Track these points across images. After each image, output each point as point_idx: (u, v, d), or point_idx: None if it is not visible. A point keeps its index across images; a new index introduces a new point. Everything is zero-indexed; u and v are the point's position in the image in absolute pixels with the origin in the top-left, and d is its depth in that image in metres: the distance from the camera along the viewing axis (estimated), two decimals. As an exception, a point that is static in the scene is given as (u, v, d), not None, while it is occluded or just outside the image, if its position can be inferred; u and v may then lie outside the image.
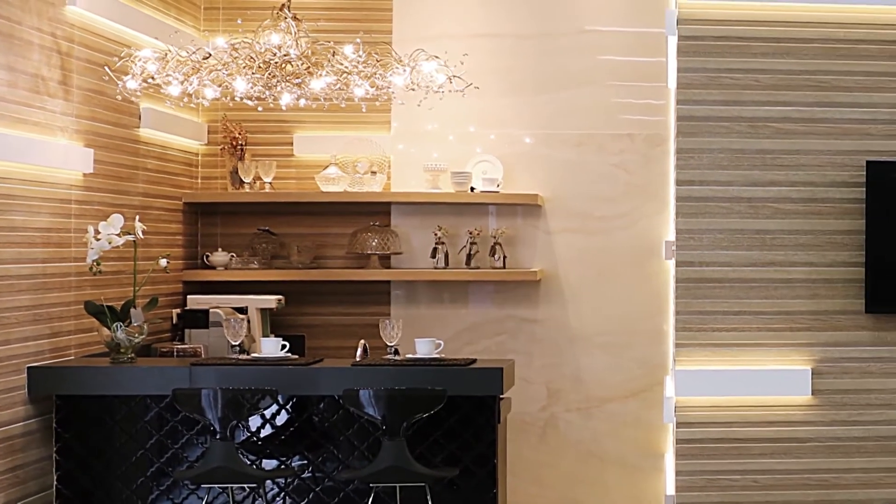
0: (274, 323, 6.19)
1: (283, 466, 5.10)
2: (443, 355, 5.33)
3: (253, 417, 4.99)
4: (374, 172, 6.41)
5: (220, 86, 5.15)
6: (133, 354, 5.07)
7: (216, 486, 4.80)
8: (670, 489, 5.19)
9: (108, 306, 5.01)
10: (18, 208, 4.64)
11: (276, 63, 5.09)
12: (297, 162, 6.53)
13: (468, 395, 5.01)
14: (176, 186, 6.30)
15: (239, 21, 5.74)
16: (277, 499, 5.15)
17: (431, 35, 6.31)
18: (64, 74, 5.03)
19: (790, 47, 4.83)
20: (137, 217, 5.31)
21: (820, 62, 4.85)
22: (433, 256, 6.40)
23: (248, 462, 5.00)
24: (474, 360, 5.37)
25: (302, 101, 5.35)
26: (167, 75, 5.07)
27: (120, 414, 5.04)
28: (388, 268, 6.47)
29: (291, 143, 6.54)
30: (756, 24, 4.84)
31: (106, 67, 5.14)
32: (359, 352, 5.39)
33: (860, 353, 4.87)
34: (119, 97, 5.19)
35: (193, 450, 5.08)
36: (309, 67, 5.14)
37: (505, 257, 6.40)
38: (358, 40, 5.27)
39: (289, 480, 5.08)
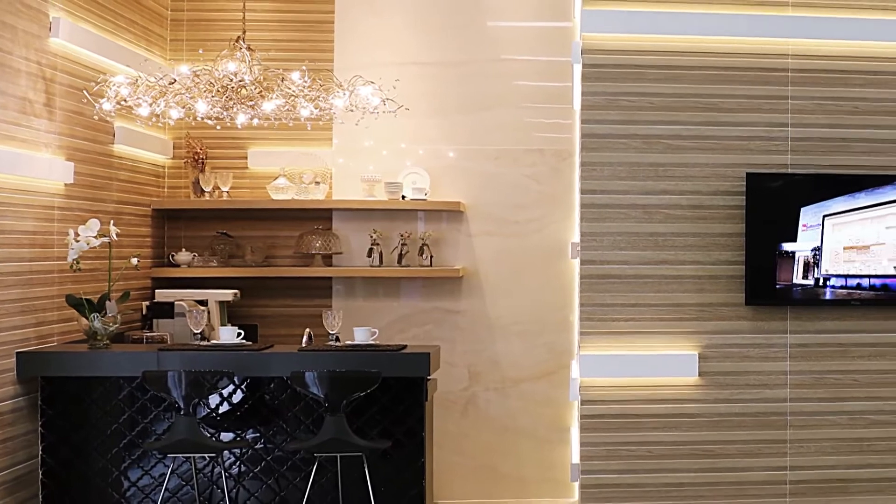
0: (230, 314, 6.37)
1: (238, 439, 5.37)
2: (377, 342, 5.59)
3: (212, 396, 5.28)
4: (317, 183, 6.64)
5: (183, 107, 5.34)
6: (108, 341, 5.32)
7: (180, 455, 5.08)
8: (575, 458, 5.46)
9: (86, 299, 5.28)
10: (7, 214, 4.85)
11: (232, 87, 5.30)
12: (251, 173, 6.76)
13: (399, 376, 5.30)
14: (145, 195, 6.47)
15: (200, 51, 6.03)
16: (234, 467, 5.39)
17: (367, 63, 6.51)
18: (48, 97, 5.22)
19: (679, 74, 5.11)
20: (112, 221, 5.49)
21: (705, 87, 5.12)
22: (369, 256, 6.67)
23: (208, 435, 5.27)
24: (405, 346, 5.63)
25: (255, 121, 5.55)
26: (138, 98, 5.25)
27: (97, 393, 5.31)
28: (330, 266, 6.69)
29: (246, 157, 6.75)
30: (649, 54, 5.11)
31: (84, 91, 5.37)
32: (304, 339, 5.65)
33: (740, 339, 5.15)
34: (96, 117, 5.42)
35: (160, 424, 5.34)
36: (261, 91, 5.34)
37: (431, 257, 6.68)
38: (304, 68, 5.52)
39: (243, 451, 5.36)
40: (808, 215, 5.08)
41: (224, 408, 5.41)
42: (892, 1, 5.13)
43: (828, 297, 5.11)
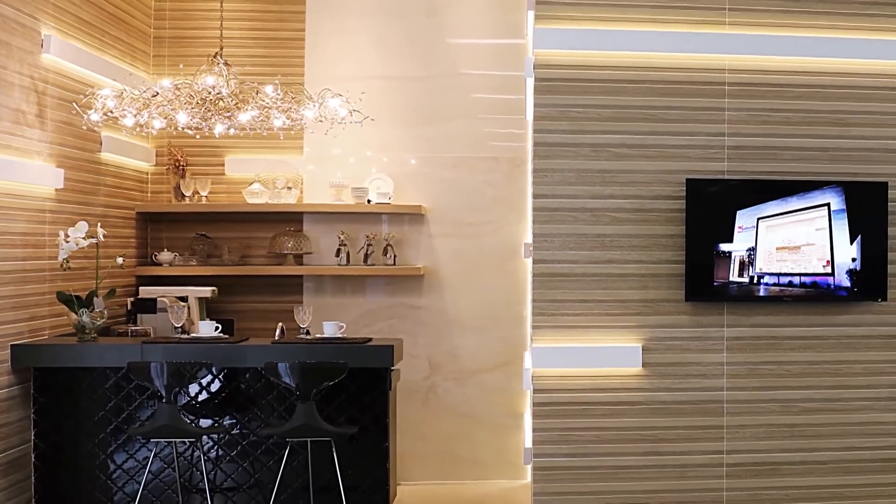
0: (209, 309, 6.51)
1: (216, 424, 5.49)
2: (345, 335, 5.75)
3: (192, 385, 5.41)
4: (289, 188, 6.78)
5: (165, 118, 5.52)
6: (96, 334, 5.44)
7: (162, 440, 5.20)
8: (528, 443, 5.51)
9: (75, 296, 5.40)
10: (2, 216, 5.02)
11: (210, 100, 5.47)
12: (228, 179, 6.96)
13: (365, 367, 5.43)
14: (130, 199, 6.58)
15: (181, 66, 6.20)
16: (212, 451, 5.53)
17: (335, 77, 6.66)
18: (40, 109, 5.36)
19: (624, 87, 5.15)
20: (99, 224, 5.63)
21: (648, 99, 5.16)
22: (337, 255, 6.81)
23: (189, 421, 5.38)
24: (370, 339, 5.78)
25: (232, 131, 5.73)
26: (123, 110, 5.44)
27: (85, 382, 5.42)
28: (301, 265, 6.81)
29: (223, 164, 6.92)
30: (596, 68, 5.14)
31: (74, 103, 5.53)
32: (277, 332, 5.84)
33: (681, 333, 5.19)
34: (84, 127, 5.60)
35: (144, 411, 5.45)
36: (237, 103, 5.51)
37: (395, 256, 6.84)
38: (277, 81, 5.68)
39: (221, 436, 5.49)
40: (744, 218, 5.10)
41: (203, 396, 5.52)
42: (818, 20, 5.20)
43: (762, 293, 5.14)
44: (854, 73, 5.24)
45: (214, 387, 5.52)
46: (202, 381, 5.44)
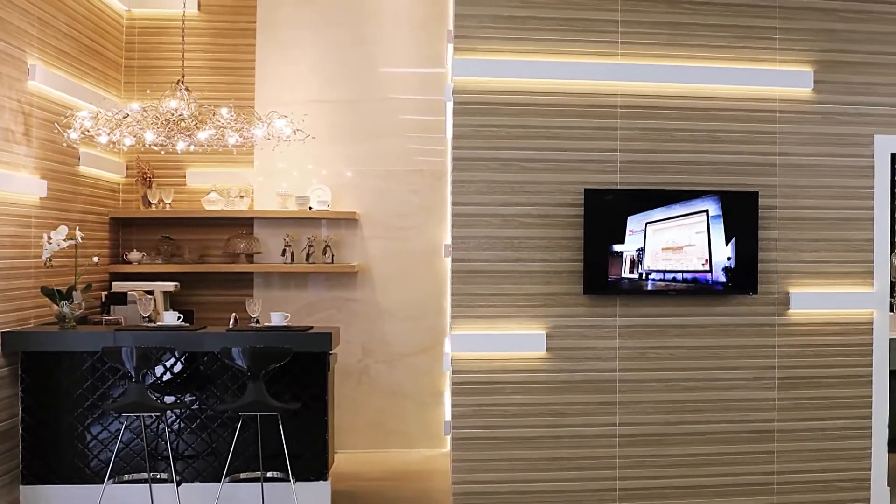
0: (172, 301, 6.76)
1: (178, 401, 5.60)
2: (289, 324, 5.83)
3: (158, 367, 5.50)
4: (242, 196, 7.04)
5: (134, 136, 5.66)
6: (75, 323, 5.59)
7: (132, 414, 5.31)
8: (448, 417, 5.61)
9: (57, 290, 5.57)
10: None
11: (173, 121, 5.58)
12: (189, 189, 7.22)
13: (307, 351, 5.54)
14: (104, 206, 6.80)
15: (148, 91, 6.44)
16: (175, 423, 5.62)
17: (282, 101, 6.97)
18: (26, 128, 5.54)
19: (530, 109, 5.28)
20: (77, 228, 5.87)
21: (551, 119, 5.29)
22: (283, 255, 7.09)
23: (155, 398, 5.50)
24: (311, 327, 5.87)
25: (192, 147, 5.85)
26: (98, 129, 5.58)
27: (65, 364, 5.54)
28: (252, 263, 7.09)
29: (185, 176, 7.21)
30: (507, 93, 5.27)
31: (55, 124, 5.72)
32: (231, 321, 5.93)
33: (579, 322, 5.34)
34: (65, 144, 5.78)
35: (116, 389, 5.56)
36: (197, 124, 5.63)
37: (333, 256, 7.09)
38: (231, 105, 5.87)
39: (182, 410, 5.61)
40: (634, 222, 5.24)
41: (167, 376, 5.60)
42: (697, 52, 5.40)
43: (649, 288, 5.28)
44: (727, 98, 5.44)
45: (177, 368, 5.59)
46: (166, 363, 5.50)
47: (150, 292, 6.35)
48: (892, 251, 6.84)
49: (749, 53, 5.51)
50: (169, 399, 5.65)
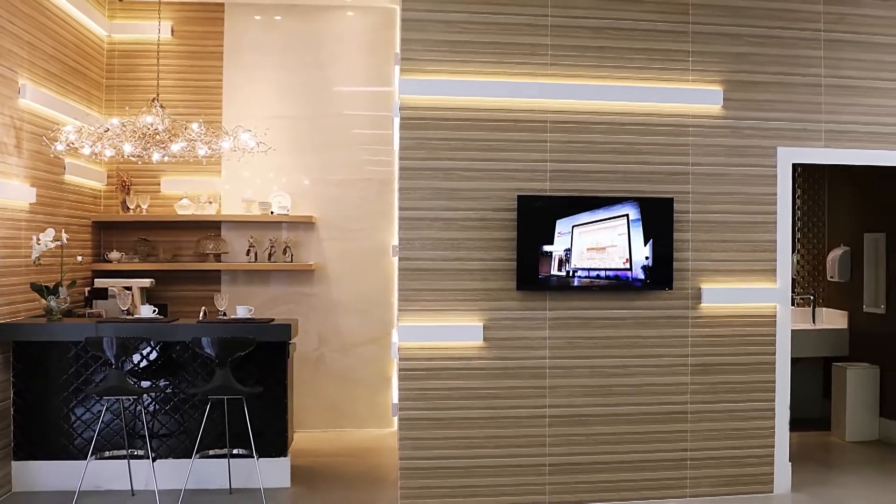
0: (148, 296, 7.02)
1: (153, 385, 5.78)
2: (253, 316, 6.05)
3: (135, 355, 5.69)
4: (210, 202, 7.21)
5: (114, 148, 5.79)
6: (61, 316, 5.80)
7: (112, 397, 5.49)
8: (395, 399, 5.90)
9: (45, 286, 5.74)
10: None
11: (149, 134, 5.74)
12: (163, 195, 7.48)
13: (269, 341, 5.71)
14: (87, 211, 6.98)
15: (127, 108, 6.72)
16: (150, 406, 5.81)
17: (246, 116, 7.27)
18: (17, 141, 5.65)
19: (469, 123, 5.44)
20: (63, 230, 6.03)
21: (488, 133, 5.45)
22: (247, 255, 7.37)
23: (132, 382, 5.63)
24: (273, 319, 6.02)
25: (166, 158, 5.96)
26: (82, 142, 5.75)
27: (53, 353, 5.71)
28: (219, 262, 7.38)
29: (160, 184, 7.48)
30: (448, 110, 5.42)
31: (43, 137, 5.85)
32: (201, 314, 6.21)
33: (512, 315, 5.50)
34: (52, 155, 5.90)
35: (98, 375, 5.72)
36: (170, 137, 5.79)
37: (292, 255, 7.33)
38: (201, 120, 6.09)
39: (157, 394, 5.79)
40: (562, 225, 5.42)
41: (143, 363, 5.78)
42: (618, 72, 5.59)
43: (576, 284, 5.46)
44: (646, 113, 5.66)
45: (152, 356, 5.78)
46: (143, 351, 5.70)
47: (129, 288, 6.60)
48: (793, 251, 7.28)
49: (665, 74, 5.74)
50: (145, 384, 5.81)
